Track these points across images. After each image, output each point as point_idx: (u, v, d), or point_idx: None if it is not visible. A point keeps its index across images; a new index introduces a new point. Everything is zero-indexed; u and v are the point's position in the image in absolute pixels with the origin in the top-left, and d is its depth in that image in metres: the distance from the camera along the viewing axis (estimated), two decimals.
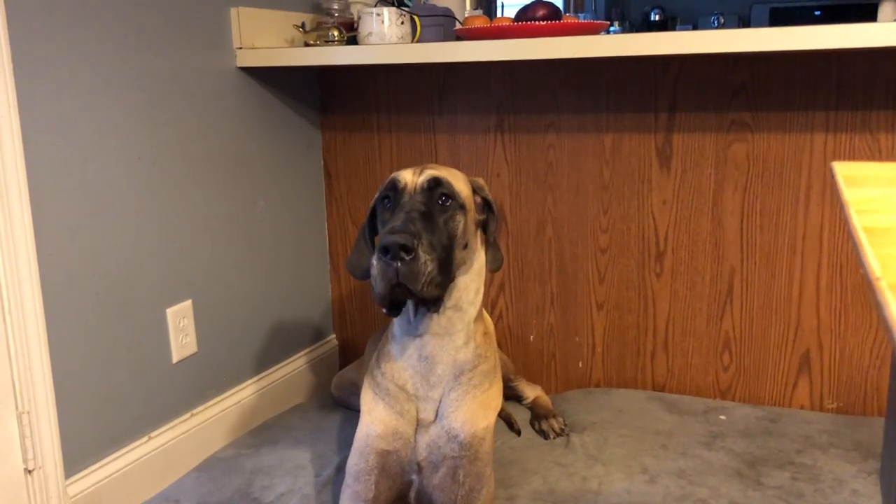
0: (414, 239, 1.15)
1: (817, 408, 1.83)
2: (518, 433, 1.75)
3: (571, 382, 2.03)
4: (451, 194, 1.27)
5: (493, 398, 1.37)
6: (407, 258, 1.15)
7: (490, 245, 1.37)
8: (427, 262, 1.16)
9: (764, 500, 1.46)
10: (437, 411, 1.33)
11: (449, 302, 1.29)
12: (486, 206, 1.37)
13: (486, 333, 1.38)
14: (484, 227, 1.37)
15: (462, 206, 1.28)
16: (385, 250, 1.15)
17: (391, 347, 1.36)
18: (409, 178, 1.28)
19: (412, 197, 1.26)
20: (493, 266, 1.38)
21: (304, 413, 1.88)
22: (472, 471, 1.33)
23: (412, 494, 1.37)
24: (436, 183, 1.27)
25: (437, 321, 1.30)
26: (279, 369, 2.03)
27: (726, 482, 1.52)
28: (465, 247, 1.29)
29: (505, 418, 1.79)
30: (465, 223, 1.28)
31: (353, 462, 1.35)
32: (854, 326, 1.76)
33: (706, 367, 1.90)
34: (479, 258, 1.35)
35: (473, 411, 1.32)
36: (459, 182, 1.31)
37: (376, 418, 1.34)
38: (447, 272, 1.23)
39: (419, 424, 1.33)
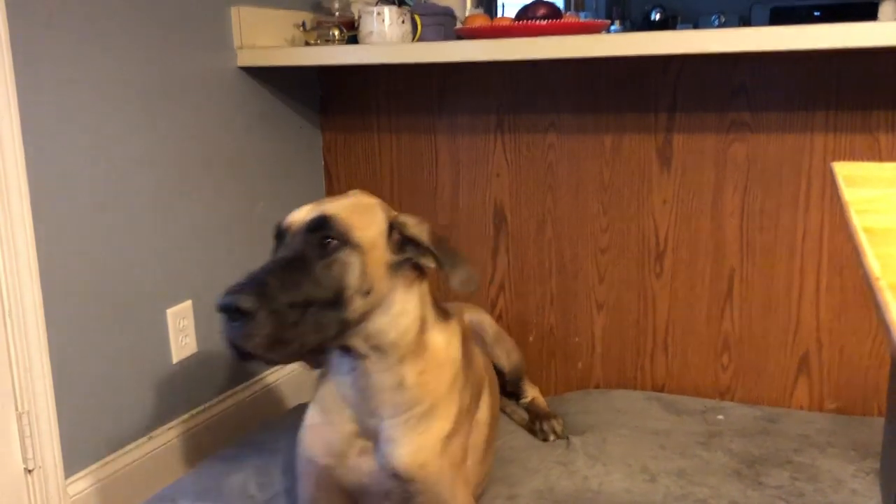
0: (251, 299, 1.04)
1: (817, 408, 1.83)
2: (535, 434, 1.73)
3: (571, 382, 2.03)
4: (338, 235, 1.12)
5: (437, 433, 1.26)
6: (237, 322, 1.04)
7: (453, 267, 1.22)
8: (264, 324, 1.04)
9: (764, 500, 1.46)
10: (377, 441, 1.26)
11: (367, 343, 1.19)
12: (413, 243, 1.21)
13: (423, 372, 1.25)
14: (417, 266, 1.22)
15: (356, 247, 1.13)
16: (221, 309, 1.05)
17: (343, 364, 1.28)
18: (298, 217, 1.17)
19: (291, 241, 1.14)
20: (465, 287, 1.22)
21: (304, 413, 1.88)
22: (426, 500, 1.25)
23: None
24: (319, 224, 1.13)
25: (362, 361, 1.21)
26: (279, 369, 2.03)
27: (726, 482, 1.52)
28: (369, 293, 1.15)
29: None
30: (363, 267, 1.13)
31: (297, 471, 1.33)
32: (854, 327, 1.76)
33: (706, 368, 1.90)
34: (402, 300, 1.20)
35: (413, 451, 1.24)
36: (362, 217, 1.17)
37: (316, 433, 1.30)
38: (325, 328, 1.11)
39: (362, 448, 1.27)
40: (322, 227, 1.13)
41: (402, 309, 1.21)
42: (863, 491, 1.47)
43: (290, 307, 1.07)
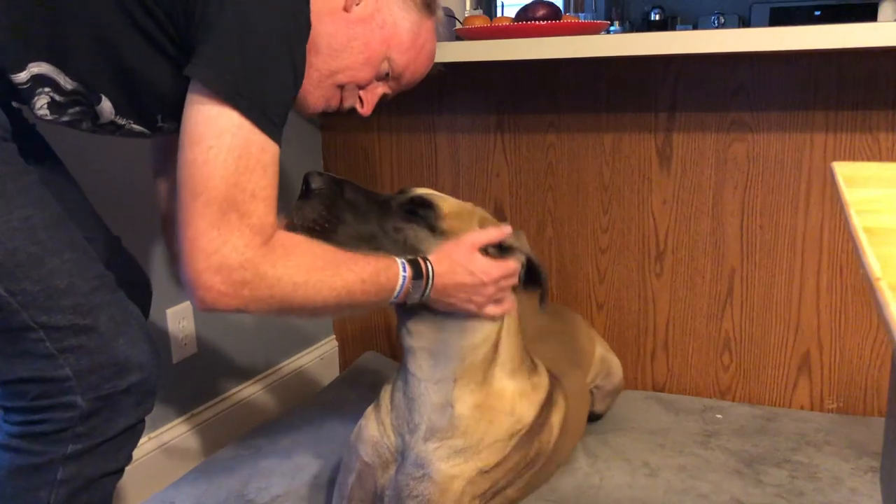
0: (322, 181, 1.21)
1: (818, 408, 1.83)
2: None
3: None
4: (426, 215, 1.23)
5: (466, 475, 1.22)
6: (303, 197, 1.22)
7: (546, 280, 1.28)
8: (313, 209, 1.19)
9: (765, 498, 1.46)
10: (406, 461, 1.25)
11: (431, 343, 1.22)
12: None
13: (478, 406, 1.24)
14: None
15: (439, 233, 1.24)
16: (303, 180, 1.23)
17: (404, 363, 1.29)
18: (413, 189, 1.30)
19: (391, 196, 1.26)
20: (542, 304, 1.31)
21: (304, 414, 1.88)
22: None
23: None
24: (420, 201, 1.23)
25: (420, 361, 1.24)
26: (279, 370, 2.03)
27: (727, 478, 1.52)
28: None
29: None
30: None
31: (344, 459, 1.35)
32: (854, 326, 1.76)
33: (706, 368, 1.90)
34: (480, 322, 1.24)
35: (434, 486, 1.21)
36: (459, 214, 1.27)
37: (366, 431, 1.31)
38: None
39: (395, 459, 1.27)
40: (419, 204, 1.21)
41: (474, 324, 1.22)
42: (862, 490, 1.47)
43: (345, 223, 1.15)
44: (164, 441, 1.67)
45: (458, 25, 1.87)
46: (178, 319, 1.70)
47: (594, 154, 1.89)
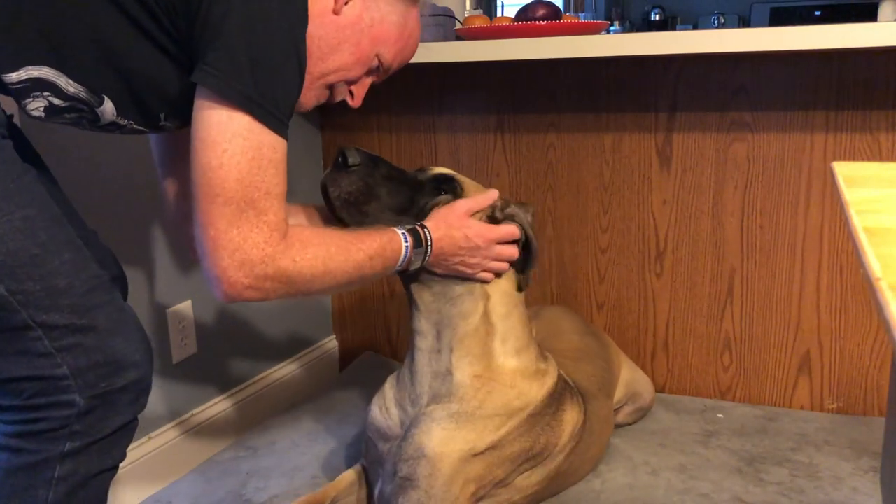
0: (359, 157, 1.33)
1: (818, 408, 1.83)
2: None
3: None
4: (451, 189, 1.34)
5: (462, 440, 1.25)
6: (338, 170, 1.32)
7: (534, 260, 1.36)
8: (352, 182, 1.29)
9: (766, 496, 1.46)
10: (408, 430, 1.29)
11: (433, 315, 1.31)
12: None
13: (478, 376, 1.29)
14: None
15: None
16: (337, 153, 1.34)
17: (411, 342, 1.36)
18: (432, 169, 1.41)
19: (416, 172, 1.39)
20: (524, 283, 1.39)
21: (303, 414, 1.88)
22: (413, 497, 1.24)
23: (376, 491, 1.35)
24: (444, 177, 1.37)
25: (424, 333, 1.31)
26: (279, 370, 2.03)
27: (727, 478, 1.52)
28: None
29: None
30: None
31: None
32: (854, 326, 1.76)
33: (706, 368, 1.90)
34: (473, 286, 1.31)
35: (429, 441, 1.24)
36: (477, 190, 1.38)
37: (370, 410, 1.40)
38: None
39: (397, 432, 1.33)
40: (444, 180, 1.32)
41: (469, 289, 1.30)
42: (863, 489, 1.47)
43: (378, 196, 1.25)
44: (164, 441, 1.67)
45: (458, 25, 1.87)
46: (178, 319, 1.70)
47: (594, 154, 1.89)
